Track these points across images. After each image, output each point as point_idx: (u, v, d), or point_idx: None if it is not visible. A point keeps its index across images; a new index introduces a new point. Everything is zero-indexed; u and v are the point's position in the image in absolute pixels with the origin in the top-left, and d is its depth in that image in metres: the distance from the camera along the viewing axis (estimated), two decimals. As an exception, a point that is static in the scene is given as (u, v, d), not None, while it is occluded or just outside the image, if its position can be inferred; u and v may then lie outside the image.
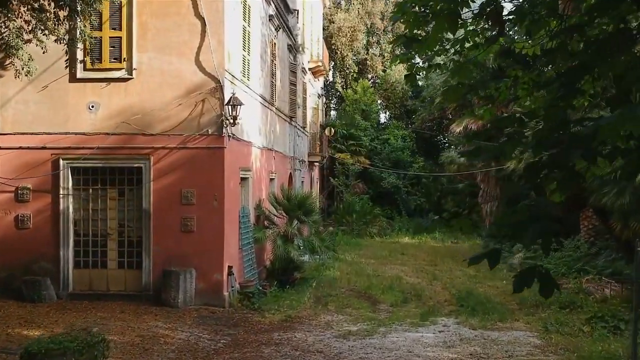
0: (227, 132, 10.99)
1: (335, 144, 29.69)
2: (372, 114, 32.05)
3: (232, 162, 11.49)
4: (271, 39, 15.73)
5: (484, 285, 15.14)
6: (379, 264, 18.42)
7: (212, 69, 10.90)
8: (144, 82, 11.00)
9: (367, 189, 29.85)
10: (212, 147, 10.93)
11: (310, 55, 24.32)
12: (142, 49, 11.00)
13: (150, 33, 11.01)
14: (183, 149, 10.95)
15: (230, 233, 11.40)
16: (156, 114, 10.93)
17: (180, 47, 10.96)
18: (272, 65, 15.84)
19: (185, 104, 10.92)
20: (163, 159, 11.00)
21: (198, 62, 10.96)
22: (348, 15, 33.12)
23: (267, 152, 15.14)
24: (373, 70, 34.20)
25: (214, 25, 10.93)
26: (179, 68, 10.96)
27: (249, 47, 12.85)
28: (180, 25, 10.98)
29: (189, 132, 10.92)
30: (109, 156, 11.09)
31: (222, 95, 10.92)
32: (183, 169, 10.99)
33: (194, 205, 10.94)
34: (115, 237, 11.23)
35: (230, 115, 10.76)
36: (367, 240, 25.41)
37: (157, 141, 10.95)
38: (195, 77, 10.95)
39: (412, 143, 31.99)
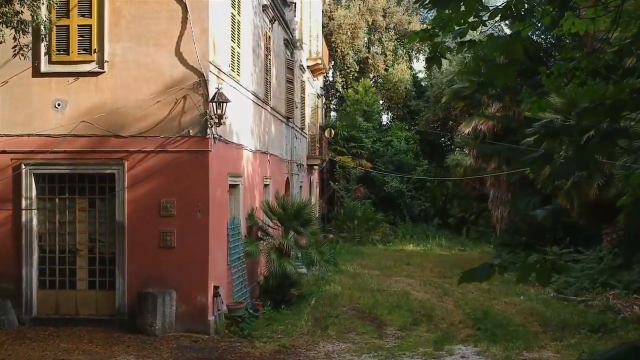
0: (213, 133, 9.62)
1: (336, 146, 28.30)
2: (374, 114, 30.69)
3: (218, 168, 10.12)
4: (265, 32, 14.37)
5: (499, 301, 13.72)
6: (384, 276, 17.02)
7: (194, 61, 9.53)
8: (117, 77, 9.64)
9: (369, 193, 28.46)
10: (195, 151, 9.56)
11: (309, 53, 22.96)
12: (115, 39, 9.64)
13: (124, 20, 9.64)
14: (162, 152, 9.58)
15: (216, 248, 10.01)
16: (131, 112, 9.56)
17: (158, 37, 9.60)
18: (267, 60, 14.47)
19: (164, 101, 9.54)
20: (139, 164, 9.62)
21: (179, 53, 9.58)
22: (348, 11, 31.76)
23: (260, 155, 13.76)
24: (375, 69, 32.81)
25: (197, 12, 9.56)
26: (157, 60, 9.59)
27: (238, 38, 11.49)
28: (158, 12, 9.61)
29: (169, 134, 9.55)
30: (77, 161, 9.71)
31: (206, 91, 9.55)
32: (162, 175, 9.61)
33: (175, 217, 9.56)
34: (85, 254, 9.85)
35: (215, 114, 9.38)
36: (370, 249, 24.02)
37: (132, 144, 9.58)
38: (176, 70, 9.58)
39: (416, 145, 30.60)
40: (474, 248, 25.08)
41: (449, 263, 20.23)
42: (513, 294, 14.62)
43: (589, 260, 14.96)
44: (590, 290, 13.91)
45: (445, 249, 24.59)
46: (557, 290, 14.50)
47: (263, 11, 14.07)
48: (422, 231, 28.14)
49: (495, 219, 21.05)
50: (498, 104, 20.16)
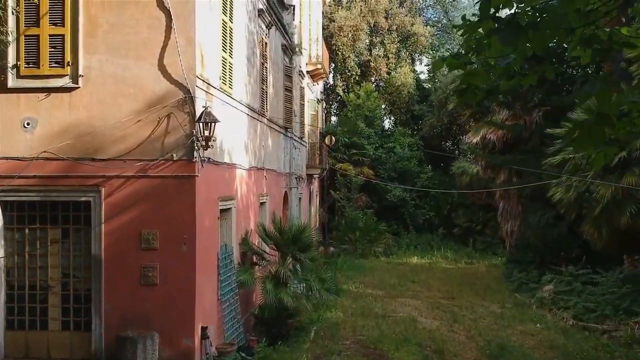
0: (200, 156, 8.57)
1: (337, 153, 27.27)
2: (376, 120, 29.65)
3: (207, 193, 9.08)
4: (261, 38, 13.33)
5: (515, 330, 12.68)
6: (388, 297, 15.99)
7: (179, 76, 8.49)
8: (94, 93, 8.59)
9: (370, 202, 27.42)
10: (181, 176, 8.51)
11: (309, 57, 21.93)
12: (91, 50, 8.59)
13: (101, 30, 8.60)
14: (143, 177, 8.53)
15: (205, 283, 8.97)
16: (109, 133, 8.52)
17: (139, 48, 8.55)
18: (263, 69, 13.43)
19: (146, 120, 8.49)
20: (117, 190, 8.58)
21: (162, 66, 8.54)
22: (350, 13, 30.70)
23: (256, 172, 12.73)
24: (377, 72, 31.75)
25: (183, 20, 8.52)
26: (138, 74, 8.54)
27: (231, 47, 10.44)
28: (139, 20, 8.56)
29: (151, 157, 8.50)
30: (49, 187, 8.66)
31: (192, 109, 8.50)
32: (143, 203, 8.56)
33: (157, 250, 8.51)
34: (58, 291, 8.80)
35: (202, 135, 8.33)
36: (372, 261, 22.98)
37: (110, 168, 8.53)
38: (159, 85, 8.53)
39: (420, 152, 29.56)
40: (481, 260, 24.07)
41: (456, 279, 19.22)
42: (528, 320, 13.62)
43: (610, 284, 13.90)
44: (612, 317, 12.87)
45: (451, 262, 23.55)
46: (576, 316, 13.48)
47: (259, 16, 13.03)
48: (426, 242, 27.12)
49: (505, 232, 20.00)
50: (508, 111, 19.09)
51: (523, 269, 17.32)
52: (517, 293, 16.42)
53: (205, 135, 8.28)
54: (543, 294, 15.33)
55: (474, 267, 22.53)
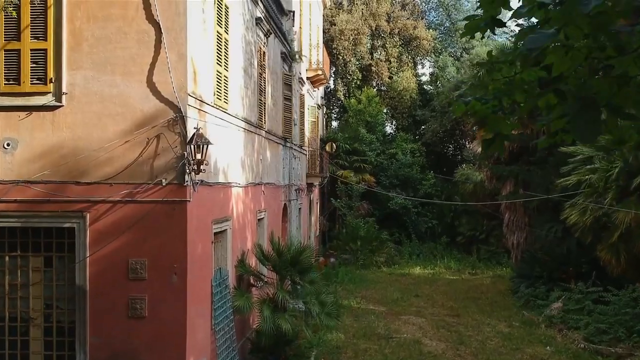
0: (192, 179, 8.01)
1: (337, 160, 26.71)
2: (378, 126, 29.07)
3: (200, 218, 8.52)
4: (259, 47, 12.77)
5: (524, 354, 12.12)
6: (391, 314, 15.42)
7: (170, 94, 7.93)
8: (78, 112, 8.03)
9: (372, 209, 26.86)
10: (171, 201, 7.95)
11: (309, 63, 21.37)
12: (75, 66, 8.03)
13: (86, 44, 8.04)
14: (131, 202, 7.97)
15: (197, 315, 8.41)
16: (94, 154, 7.96)
17: (126, 64, 7.99)
18: (261, 80, 12.87)
19: (134, 141, 7.94)
20: (103, 217, 8.01)
21: (151, 84, 7.98)
22: (351, 16, 30.11)
23: (253, 188, 12.17)
24: (378, 77, 31.17)
25: (174, 34, 7.96)
26: (125, 92, 7.98)
27: (226, 59, 9.88)
28: (126, 34, 8.00)
29: (139, 180, 7.94)
30: (30, 213, 8.09)
31: (183, 129, 7.94)
32: (131, 230, 8.00)
33: (146, 280, 7.95)
34: (40, 323, 8.24)
35: (193, 159, 7.77)
36: (374, 272, 22.42)
37: (96, 192, 7.97)
38: (147, 104, 7.97)
39: (422, 158, 28.98)
40: (485, 270, 23.52)
41: (461, 293, 18.66)
42: (537, 341, 13.06)
43: (622, 304, 13.32)
44: (625, 341, 12.29)
45: (455, 273, 22.99)
46: (587, 338, 12.90)
47: (256, 25, 12.47)
48: (429, 250, 26.56)
49: (511, 244, 19.42)
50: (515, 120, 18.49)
51: (530, 284, 16.74)
52: (524, 310, 15.85)
53: (197, 158, 7.72)
54: (552, 312, 14.76)
55: (479, 278, 21.95)
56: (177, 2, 7.96)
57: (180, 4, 7.96)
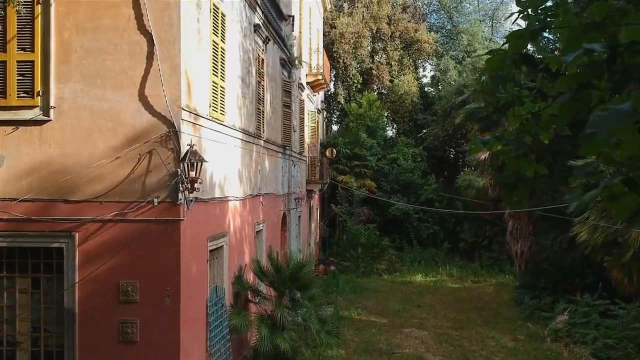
0: (186, 197, 7.66)
1: (338, 165, 26.35)
2: (379, 130, 28.70)
3: (195, 237, 8.17)
4: (257, 55, 12.42)
5: (530, 371, 11.76)
6: (393, 327, 15.06)
7: (162, 108, 7.58)
8: (67, 126, 7.68)
9: (373, 215, 26.49)
10: (164, 220, 7.60)
11: (309, 68, 21.01)
12: (64, 79, 7.69)
13: (75, 56, 7.69)
14: (122, 222, 7.62)
15: (191, 338, 8.06)
16: (83, 171, 7.61)
17: (117, 77, 7.64)
18: (259, 88, 12.52)
19: (125, 157, 7.59)
20: (93, 236, 7.66)
21: (143, 97, 7.63)
22: (351, 19, 29.76)
23: (251, 200, 11.82)
24: (379, 80, 30.82)
25: (166, 45, 7.61)
26: (116, 106, 7.64)
27: (223, 70, 9.53)
28: (117, 45, 7.65)
29: (130, 198, 7.60)
30: (17, 232, 7.74)
31: (177, 145, 7.59)
32: (122, 251, 7.65)
33: (137, 303, 7.60)
34: (28, 347, 7.89)
35: (187, 177, 7.42)
36: (375, 280, 22.06)
37: (85, 211, 7.62)
38: (139, 119, 7.63)
39: (424, 163, 28.63)
40: (488, 278, 23.15)
41: (464, 303, 18.30)
42: (543, 357, 12.75)
43: (631, 318, 12.96)
44: (635, 357, 11.93)
45: (457, 281, 22.62)
46: (595, 354, 12.54)
47: (255, 32, 12.12)
48: (430, 257, 26.20)
49: (515, 253, 19.04)
50: (518, 127, 18.12)
51: (535, 296, 16.38)
52: (529, 322, 15.48)
53: (190, 176, 7.36)
54: (557, 325, 14.39)
55: (481, 286, 21.58)
56: (170, 13, 7.61)
57: (173, 14, 7.62)
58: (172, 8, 7.62)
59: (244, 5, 11.25)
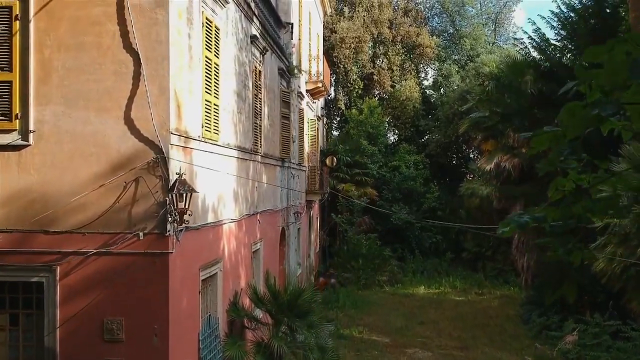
0: (175, 229, 7.12)
1: (338, 173, 25.79)
2: (380, 137, 28.14)
3: (185, 268, 7.63)
4: (254, 67, 11.88)
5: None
6: (395, 347, 14.54)
7: (150, 132, 7.05)
8: (47, 152, 7.15)
9: (374, 224, 25.92)
10: (151, 253, 7.06)
11: (309, 75, 20.48)
12: (44, 101, 7.16)
13: (56, 76, 7.16)
14: (106, 255, 7.08)
15: (181, 378, 7.52)
16: (65, 200, 7.07)
17: (101, 98, 7.11)
18: (257, 101, 11.99)
19: (110, 185, 7.05)
20: (75, 270, 7.12)
21: (129, 120, 7.09)
22: (352, 24, 29.21)
23: (247, 220, 11.28)
24: (380, 85, 30.26)
25: (154, 64, 7.07)
26: (100, 130, 7.10)
27: (216, 86, 8.99)
28: (101, 65, 7.12)
29: (115, 229, 7.06)
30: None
31: (165, 171, 7.05)
32: (106, 286, 7.11)
33: (123, 342, 7.06)
34: (6, 388, 7.36)
35: (175, 208, 6.88)
36: (376, 293, 21.53)
37: (67, 243, 7.09)
38: (125, 144, 7.09)
39: (426, 170, 28.08)
40: (492, 290, 22.61)
41: (468, 319, 17.76)
42: (553, 380, 12.12)
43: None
44: (650, 384, 11.38)
45: (461, 293, 22.08)
46: (608, 379, 11.99)
47: (251, 43, 11.58)
48: (433, 267, 25.65)
49: (520, 266, 18.47)
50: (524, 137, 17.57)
51: (542, 313, 15.84)
52: (537, 341, 14.96)
53: (179, 208, 6.82)
54: (567, 346, 13.85)
55: (486, 299, 21.05)
56: (158, 30, 7.08)
57: (161, 31, 7.08)
58: (160, 24, 7.08)
59: (240, 17, 10.72)
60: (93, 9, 7.13)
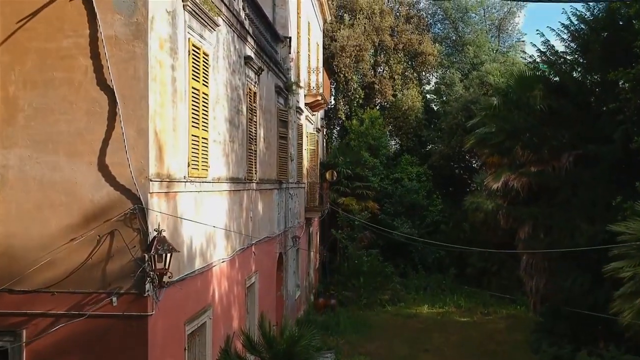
0: (154, 288, 6.34)
1: (339, 187, 24.99)
2: (382, 149, 27.34)
3: (168, 328, 6.85)
4: (249, 89, 11.11)
5: None
6: (399, 381, 13.75)
7: (126, 179, 6.28)
8: (12, 201, 6.38)
9: (375, 238, 25.12)
10: (128, 316, 6.28)
11: (308, 88, 19.71)
12: (9, 144, 6.40)
13: (22, 116, 6.40)
14: (78, 317, 6.30)
15: None
16: (32, 256, 6.30)
17: (73, 141, 6.35)
18: (251, 126, 11.21)
19: (82, 239, 6.28)
20: (44, 334, 6.34)
21: (103, 166, 6.33)
22: (352, 31, 28.41)
23: (241, 256, 10.51)
24: (382, 95, 29.47)
25: (132, 103, 6.31)
26: (71, 177, 6.34)
27: (205, 119, 8.22)
28: (73, 104, 6.36)
29: (88, 289, 6.29)
30: (-48, 327, 6.44)
31: (143, 224, 6.28)
32: (78, 353, 6.33)
33: (97, 416, 6.29)
34: None
35: (153, 269, 6.10)
36: (378, 314, 20.72)
37: (34, 303, 6.32)
38: (99, 192, 6.32)
39: (429, 183, 27.28)
40: (498, 309, 21.78)
41: (474, 345, 17.00)
42: None
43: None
44: None
45: (466, 313, 21.24)
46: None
47: (245, 64, 10.81)
48: (436, 283, 24.81)
49: (529, 289, 17.67)
50: (533, 155, 16.78)
51: (553, 342, 15.03)
52: (547, 373, 14.16)
53: (158, 269, 6.04)
54: (580, 379, 13.05)
55: (492, 320, 20.24)
56: (136, 64, 6.31)
57: (139, 65, 6.31)
58: (138, 59, 6.31)
59: (233, 38, 9.94)
60: (63, 41, 6.36)
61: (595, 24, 16.16)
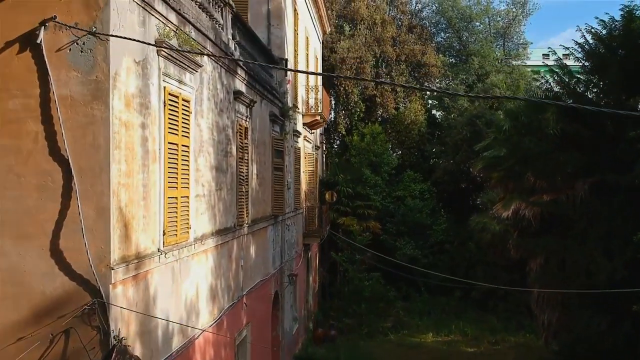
0: (118, 395, 5.33)
1: (339, 206, 23.95)
2: (384, 166, 26.30)
3: None
4: (239, 125, 10.09)
5: None
6: None
7: (84, 268, 5.28)
8: (-51, 292, 5.37)
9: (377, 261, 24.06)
10: None
11: (306, 106, 18.72)
12: (-54, 224, 5.39)
13: (-39, 190, 5.39)
14: None
15: None
16: (-27, 357, 5.30)
17: (20, 222, 5.34)
18: (242, 165, 10.20)
19: (32, 338, 5.28)
20: None
21: (56, 252, 5.33)
22: (353, 42, 27.38)
23: (230, 314, 9.49)
24: (383, 108, 28.45)
25: (90, 176, 5.31)
26: (18, 264, 5.34)
27: (185, 175, 7.22)
28: (20, 177, 5.36)
29: (39, 398, 5.29)
30: None
31: (103, 322, 5.27)
32: None
33: None
34: None
35: (113, 382, 5.10)
36: (380, 344, 19.71)
37: (-25, 414, 5.32)
38: (51, 283, 5.32)
39: (433, 200, 26.26)
40: (506, 337, 20.78)
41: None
42: None
43: None
44: None
45: (472, 342, 20.24)
46: None
47: (235, 99, 9.80)
48: (440, 307, 23.78)
49: (542, 323, 16.66)
50: (546, 182, 15.77)
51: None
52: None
53: (119, 383, 5.05)
54: None
55: (500, 351, 19.27)
56: (95, 130, 5.31)
57: (99, 131, 5.32)
58: (98, 123, 5.32)
59: (220, 73, 8.93)
60: (9, 102, 5.37)
61: (611, 41, 15.17)
